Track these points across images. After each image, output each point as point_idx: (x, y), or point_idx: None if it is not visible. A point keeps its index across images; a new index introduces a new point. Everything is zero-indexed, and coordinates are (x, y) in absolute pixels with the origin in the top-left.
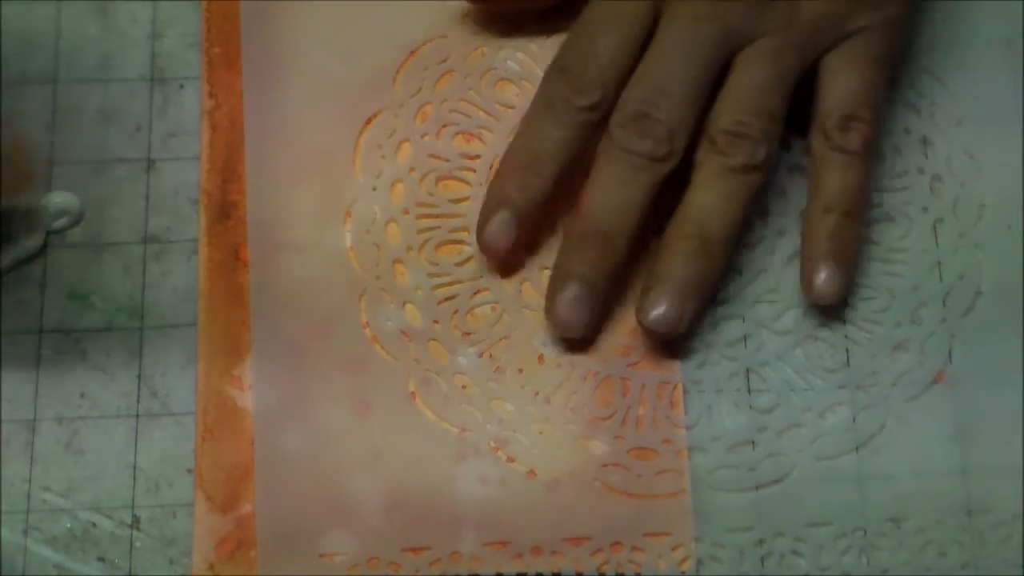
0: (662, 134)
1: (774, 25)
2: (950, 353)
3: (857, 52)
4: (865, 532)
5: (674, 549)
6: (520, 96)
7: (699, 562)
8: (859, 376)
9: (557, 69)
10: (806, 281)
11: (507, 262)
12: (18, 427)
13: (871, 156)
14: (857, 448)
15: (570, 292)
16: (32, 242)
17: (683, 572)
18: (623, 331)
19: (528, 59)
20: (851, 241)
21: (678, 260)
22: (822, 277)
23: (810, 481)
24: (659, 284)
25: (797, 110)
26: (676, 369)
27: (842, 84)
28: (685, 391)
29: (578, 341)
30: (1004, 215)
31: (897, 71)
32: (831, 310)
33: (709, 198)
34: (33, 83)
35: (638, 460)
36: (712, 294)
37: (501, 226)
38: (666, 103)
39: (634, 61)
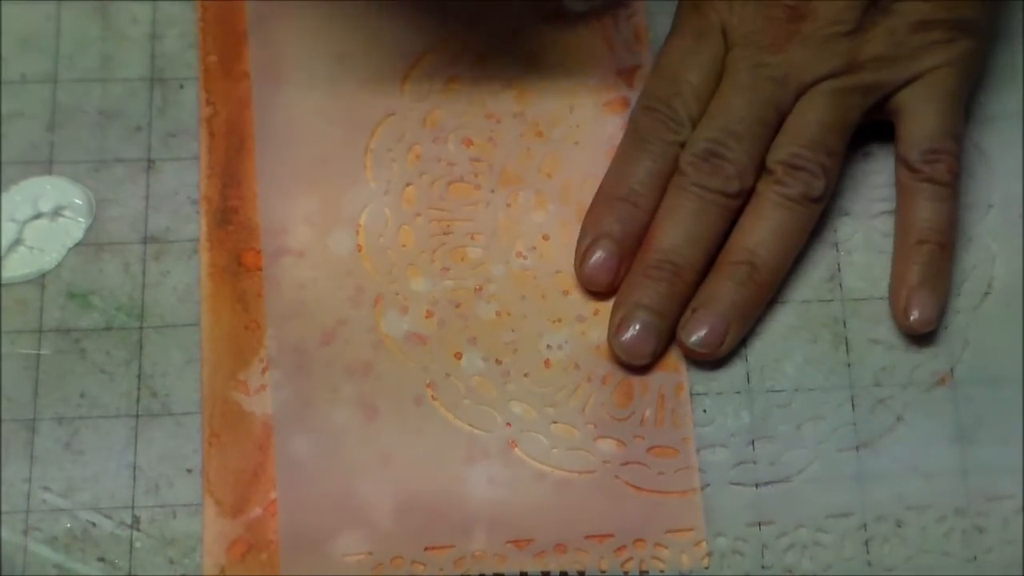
0: (732, 172)
1: (837, 68)
2: (954, 354)
3: (931, 90)
4: (867, 531)
5: (696, 545)
6: (521, 101)
7: (722, 557)
8: (863, 376)
9: (645, 109)
10: (901, 310)
11: (607, 291)
12: (18, 427)
13: (958, 187)
14: (858, 447)
15: (638, 322)
16: None
17: (705, 568)
18: None
19: (529, 64)
20: (944, 270)
21: (727, 285)
22: (918, 308)
23: (814, 480)
24: (705, 307)
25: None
26: (687, 370)
27: (922, 120)
28: (694, 392)
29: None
30: (1010, 216)
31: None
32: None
33: (763, 227)
34: (33, 83)
35: (657, 458)
36: (755, 320)
37: (604, 259)
38: (734, 143)
39: (711, 99)
